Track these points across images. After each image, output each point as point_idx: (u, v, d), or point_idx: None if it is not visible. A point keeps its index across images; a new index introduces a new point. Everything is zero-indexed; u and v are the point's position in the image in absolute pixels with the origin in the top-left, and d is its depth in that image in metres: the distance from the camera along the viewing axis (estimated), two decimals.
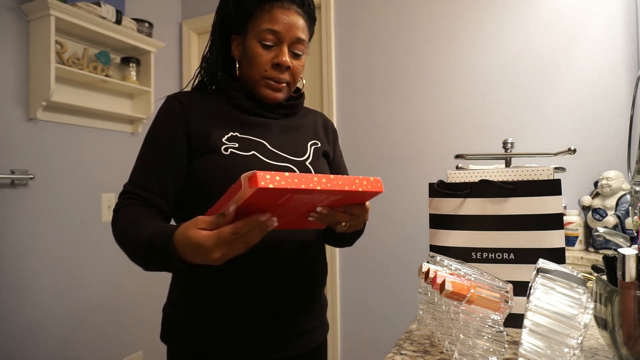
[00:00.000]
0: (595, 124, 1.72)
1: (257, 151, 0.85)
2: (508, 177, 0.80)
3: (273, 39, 0.85)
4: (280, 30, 0.84)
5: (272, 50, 0.86)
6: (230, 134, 0.85)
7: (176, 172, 0.84)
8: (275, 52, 0.86)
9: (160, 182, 0.83)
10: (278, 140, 0.89)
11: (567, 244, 1.57)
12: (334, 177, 0.61)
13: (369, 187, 0.66)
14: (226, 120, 0.87)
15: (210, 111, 0.87)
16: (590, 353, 0.60)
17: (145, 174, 0.84)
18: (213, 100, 0.89)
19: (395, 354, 0.62)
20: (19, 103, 1.76)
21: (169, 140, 0.84)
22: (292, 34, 0.85)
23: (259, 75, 0.87)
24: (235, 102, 0.89)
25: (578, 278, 0.50)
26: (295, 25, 0.85)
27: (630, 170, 0.95)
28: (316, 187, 0.58)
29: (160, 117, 0.88)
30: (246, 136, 0.86)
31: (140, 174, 0.84)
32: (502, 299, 0.54)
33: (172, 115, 0.86)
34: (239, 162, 0.82)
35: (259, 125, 0.89)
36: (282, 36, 0.85)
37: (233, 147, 0.83)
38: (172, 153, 0.84)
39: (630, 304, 0.49)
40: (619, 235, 0.79)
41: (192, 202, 0.85)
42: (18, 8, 1.77)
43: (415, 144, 2.07)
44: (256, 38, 0.85)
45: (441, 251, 0.78)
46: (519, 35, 1.87)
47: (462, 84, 1.98)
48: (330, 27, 2.26)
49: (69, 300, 1.88)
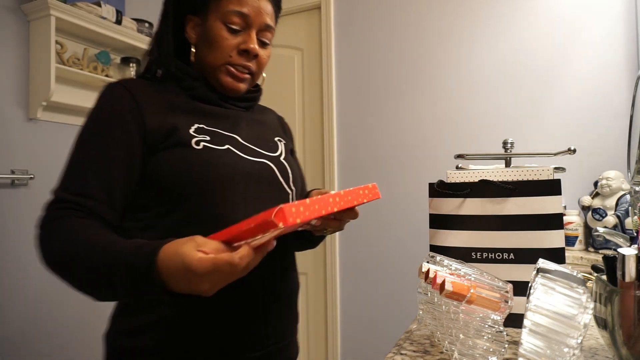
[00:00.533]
0: (595, 124, 1.72)
1: (231, 145, 0.75)
2: (508, 177, 0.80)
3: (240, 23, 0.76)
4: (250, 13, 0.76)
5: (239, 35, 0.77)
6: (197, 126, 0.73)
7: (127, 175, 0.69)
8: (242, 37, 0.77)
9: (107, 188, 0.67)
10: (248, 133, 0.80)
11: (567, 244, 1.57)
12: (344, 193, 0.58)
13: (370, 195, 0.66)
14: (187, 111, 0.75)
15: (167, 101, 0.75)
16: (590, 353, 0.60)
17: (86, 178, 0.67)
18: (165, 89, 0.77)
19: (395, 354, 0.62)
20: (19, 103, 1.76)
21: (119, 136, 0.69)
22: (262, 20, 0.77)
23: (221, 61, 0.77)
24: (193, 92, 0.78)
25: (578, 278, 0.50)
26: (264, 10, 0.78)
27: (630, 170, 0.95)
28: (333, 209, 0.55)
29: (104, 107, 0.72)
30: (214, 129, 0.75)
31: (79, 178, 0.67)
32: (502, 299, 0.54)
33: (121, 105, 0.71)
34: (214, 157, 0.71)
35: (224, 117, 0.79)
36: (251, 20, 0.76)
37: (204, 140, 0.72)
38: (122, 152, 0.69)
39: (630, 304, 0.49)
40: (619, 235, 0.79)
41: (158, 209, 0.70)
42: (18, 8, 1.77)
43: (415, 144, 2.07)
44: (221, 20, 0.76)
45: (441, 251, 0.78)
46: (519, 35, 1.87)
47: (463, 84, 1.98)
48: (330, 27, 2.26)
49: (69, 300, 1.88)
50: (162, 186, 0.69)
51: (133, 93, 0.72)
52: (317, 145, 2.33)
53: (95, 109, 0.72)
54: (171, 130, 0.71)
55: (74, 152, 0.70)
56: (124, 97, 0.71)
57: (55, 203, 0.66)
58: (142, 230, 0.70)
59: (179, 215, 0.69)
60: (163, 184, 0.69)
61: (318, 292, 2.30)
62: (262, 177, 0.76)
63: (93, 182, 0.67)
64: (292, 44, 2.40)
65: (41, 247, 0.64)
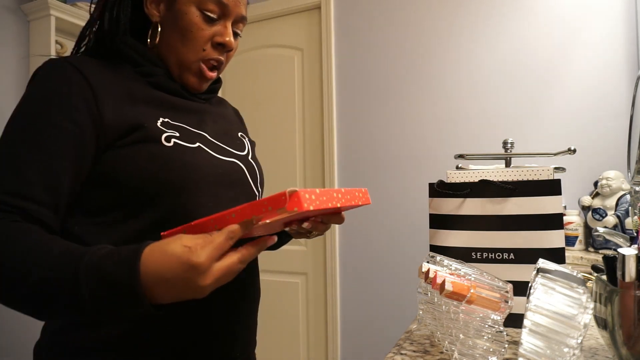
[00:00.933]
0: (595, 124, 1.72)
1: (201, 142, 0.67)
2: (508, 177, 0.80)
3: (217, 12, 0.68)
4: (229, 3, 0.68)
5: (215, 25, 0.69)
6: (162, 120, 0.64)
7: (75, 172, 0.58)
8: (218, 28, 0.69)
9: (50, 189, 0.55)
10: (214, 130, 0.73)
11: (567, 244, 1.57)
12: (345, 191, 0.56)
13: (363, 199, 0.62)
14: (150, 102, 0.65)
15: (125, 86, 0.64)
16: (590, 353, 0.60)
17: (23, 175, 0.54)
18: (120, 71, 0.65)
19: (395, 354, 0.62)
20: None
21: (66, 123, 0.57)
22: (239, 10, 0.71)
23: (194, 57, 0.68)
24: (155, 80, 0.68)
25: (578, 278, 0.50)
26: (242, 2, 0.71)
27: (630, 170, 0.95)
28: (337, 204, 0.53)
29: (47, 90, 0.59)
30: (181, 124, 0.67)
31: (16, 175, 0.54)
32: (502, 299, 0.54)
33: (71, 89, 0.58)
34: (186, 155, 0.63)
35: (190, 110, 0.71)
36: (229, 10, 0.69)
37: (174, 136, 0.63)
38: (69, 143, 0.57)
39: (630, 304, 0.49)
40: (619, 235, 0.79)
41: (118, 212, 0.60)
42: (18, 8, 1.77)
43: (415, 144, 2.07)
44: (196, 5, 0.67)
45: (441, 251, 0.78)
46: (519, 35, 1.87)
47: (463, 84, 1.98)
48: (330, 27, 2.26)
49: None
50: (125, 186, 0.60)
51: (86, 76, 0.60)
52: (317, 145, 2.33)
53: (35, 90, 0.60)
54: (136, 124, 0.61)
55: (7, 142, 0.57)
56: (74, 80, 0.59)
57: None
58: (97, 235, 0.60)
59: (145, 219, 0.60)
60: (126, 183, 0.60)
61: (318, 292, 2.30)
62: (234, 178, 0.70)
63: (34, 180, 0.55)
64: (292, 44, 2.40)
65: None
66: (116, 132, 0.60)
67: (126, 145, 0.60)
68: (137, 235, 0.59)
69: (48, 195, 0.56)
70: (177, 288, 0.45)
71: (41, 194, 0.55)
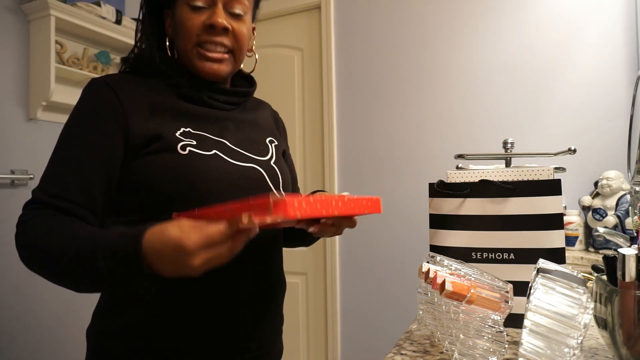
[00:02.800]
0: (595, 124, 1.72)
1: (219, 150, 0.72)
2: (508, 177, 0.80)
3: (203, 0, 0.72)
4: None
5: (204, 12, 0.73)
6: (183, 130, 0.71)
7: (107, 179, 0.68)
8: (208, 14, 0.73)
9: (86, 192, 0.66)
10: (237, 136, 0.77)
11: (567, 244, 1.57)
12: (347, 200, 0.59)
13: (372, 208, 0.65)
14: (174, 113, 0.72)
15: (152, 101, 0.71)
16: (590, 353, 0.60)
17: (64, 181, 0.66)
18: (152, 86, 0.74)
19: (395, 354, 0.62)
20: (19, 103, 1.76)
21: (99, 137, 0.67)
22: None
23: (190, 44, 0.73)
24: (181, 91, 0.75)
25: (578, 278, 0.50)
26: None
27: (630, 170, 0.95)
28: (334, 212, 0.56)
29: (86, 106, 0.70)
30: (201, 133, 0.72)
31: (58, 180, 0.66)
32: (502, 299, 0.54)
33: (103, 104, 0.68)
34: (199, 162, 0.69)
35: (213, 119, 0.76)
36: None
37: (191, 144, 0.69)
38: (102, 154, 0.67)
39: (630, 304, 0.49)
40: (619, 235, 0.79)
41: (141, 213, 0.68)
42: (18, 8, 1.77)
43: (415, 144, 2.07)
44: (185, 2, 0.73)
45: (441, 251, 0.78)
46: (519, 35, 1.87)
47: (463, 84, 1.98)
48: (330, 27, 2.26)
49: (69, 300, 1.88)
50: (147, 191, 0.67)
51: (117, 92, 0.69)
52: (317, 145, 2.33)
53: (77, 107, 0.70)
54: (156, 135, 0.68)
55: (55, 151, 0.69)
56: (107, 97, 0.69)
57: (33, 203, 0.66)
58: None
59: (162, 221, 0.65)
60: (148, 188, 0.67)
61: (318, 292, 2.30)
62: (251, 182, 0.74)
63: (71, 184, 0.65)
64: (292, 44, 2.40)
65: (18, 245, 0.64)
66: (141, 142, 0.68)
67: (148, 154, 0.68)
68: None
69: (84, 197, 0.66)
70: (170, 264, 0.53)
71: (77, 196, 0.65)
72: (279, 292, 0.80)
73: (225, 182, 0.70)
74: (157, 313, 0.68)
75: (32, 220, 0.64)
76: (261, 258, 0.73)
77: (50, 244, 0.60)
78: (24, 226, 0.65)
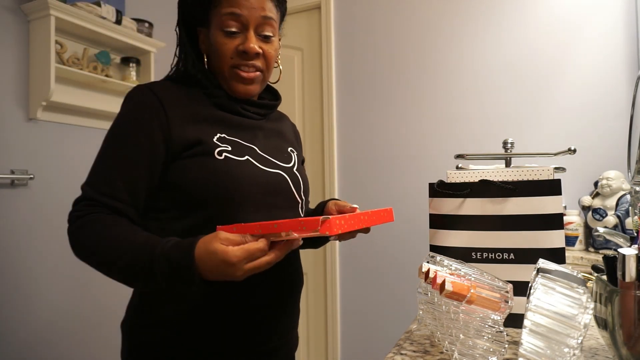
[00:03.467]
0: (595, 124, 1.72)
1: (250, 156, 0.79)
2: (508, 177, 0.80)
3: (236, 25, 0.77)
4: (243, 13, 0.76)
5: (237, 37, 0.78)
6: (219, 135, 0.77)
7: (149, 179, 0.74)
8: (240, 39, 0.78)
9: (131, 190, 0.73)
10: (265, 144, 0.84)
11: (567, 244, 1.57)
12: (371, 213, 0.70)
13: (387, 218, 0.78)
14: (211, 120, 0.79)
15: (192, 108, 0.78)
16: (590, 353, 0.60)
17: (112, 179, 0.72)
18: (191, 95, 0.80)
19: (395, 354, 0.62)
20: (19, 103, 1.76)
21: (144, 141, 0.73)
22: (257, 14, 0.77)
23: (226, 67, 0.79)
24: (217, 101, 0.81)
25: (578, 278, 0.50)
26: (259, 5, 0.77)
27: (630, 170, 0.95)
28: (362, 225, 0.68)
29: (132, 111, 0.76)
30: (235, 139, 0.79)
31: (106, 179, 0.73)
32: (502, 299, 0.54)
33: (148, 111, 0.75)
34: (234, 167, 0.75)
35: (245, 127, 0.83)
36: (245, 19, 0.77)
37: (227, 150, 0.76)
38: (146, 156, 0.73)
39: (630, 304, 0.49)
40: (619, 235, 0.79)
41: (176, 211, 0.76)
42: (18, 8, 1.77)
43: (415, 144, 2.07)
44: (219, 27, 0.78)
45: (441, 251, 0.78)
46: (519, 36, 1.87)
47: (463, 84, 1.98)
48: (330, 27, 2.26)
49: (69, 300, 1.88)
50: (184, 191, 0.74)
51: (161, 100, 0.75)
52: (317, 145, 2.33)
53: (124, 112, 0.76)
54: (196, 141, 0.75)
55: (103, 152, 0.75)
56: (151, 105, 0.75)
57: (85, 200, 0.73)
58: (159, 227, 0.75)
59: (197, 218, 0.74)
60: (185, 189, 0.74)
61: (318, 292, 2.30)
62: (277, 187, 0.81)
63: (120, 184, 0.72)
64: (292, 44, 2.40)
65: (74, 240, 0.71)
66: (181, 146, 0.74)
67: (188, 157, 0.74)
68: (189, 229, 0.73)
69: (130, 196, 0.73)
70: (217, 274, 0.61)
71: (125, 196, 0.72)
72: (298, 288, 0.87)
73: (254, 186, 0.77)
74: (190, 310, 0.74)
75: (87, 217, 0.70)
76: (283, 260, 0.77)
77: (108, 246, 0.67)
78: (80, 221, 0.71)
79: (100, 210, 0.71)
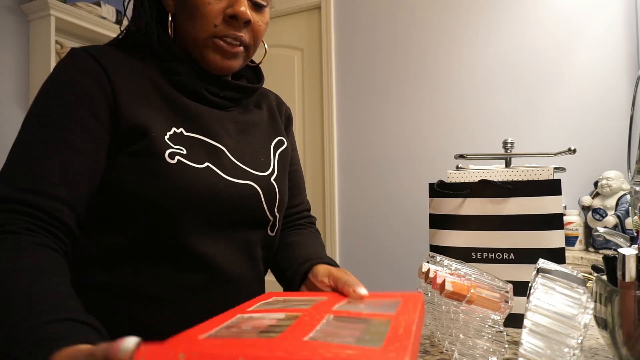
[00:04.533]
0: (595, 124, 1.72)
1: (213, 162, 0.60)
2: (508, 177, 0.80)
3: None
4: None
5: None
6: (174, 131, 0.59)
7: (94, 171, 0.55)
8: (228, 0, 0.61)
9: (70, 184, 0.52)
10: (237, 143, 0.66)
11: (567, 244, 1.57)
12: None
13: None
14: (166, 108, 0.60)
15: (142, 86, 0.59)
16: (590, 353, 0.60)
17: (41, 169, 0.50)
18: (143, 68, 0.61)
19: None
20: (19, 103, 1.76)
21: (85, 117, 0.53)
22: None
23: (205, 34, 0.61)
24: (179, 79, 0.62)
25: (578, 278, 0.50)
26: None
27: (630, 170, 0.95)
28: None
29: (67, 79, 0.55)
30: (195, 135, 0.61)
31: (32, 169, 0.50)
32: (502, 299, 0.54)
33: (88, 77, 0.55)
34: (188, 177, 0.57)
35: (211, 119, 0.64)
36: None
37: (180, 153, 0.57)
38: (89, 138, 0.53)
39: (630, 304, 0.49)
40: (619, 235, 0.79)
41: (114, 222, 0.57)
42: (18, 8, 1.77)
43: (415, 144, 2.07)
44: None
45: (441, 251, 0.78)
46: (519, 36, 1.87)
47: (463, 84, 1.98)
48: (330, 27, 2.26)
49: None
50: (121, 197, 0.56)
51: (105, 67, 0.56)
52: (317, 145, 2.33)
53: (53, 79, 0.56)
54: (142, 132, 0.56)
55: (22, 134, 0.54)
56: (93, 70, 0.55)
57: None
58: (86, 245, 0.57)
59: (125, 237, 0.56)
60: (122, 194, 0.56)
61: None
62: (243, 203, 0.63)
63: (50, 174, 0.51)
64: (292, 44, 2.40)
65: None
66: (126, 133, 0.56)
67: (129, 154, 0.56)
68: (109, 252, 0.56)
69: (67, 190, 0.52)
70: None
71: (58, 188, 0.51)
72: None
73: (211, 202, 0.59)
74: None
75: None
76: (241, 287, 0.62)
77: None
78: None
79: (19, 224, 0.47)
